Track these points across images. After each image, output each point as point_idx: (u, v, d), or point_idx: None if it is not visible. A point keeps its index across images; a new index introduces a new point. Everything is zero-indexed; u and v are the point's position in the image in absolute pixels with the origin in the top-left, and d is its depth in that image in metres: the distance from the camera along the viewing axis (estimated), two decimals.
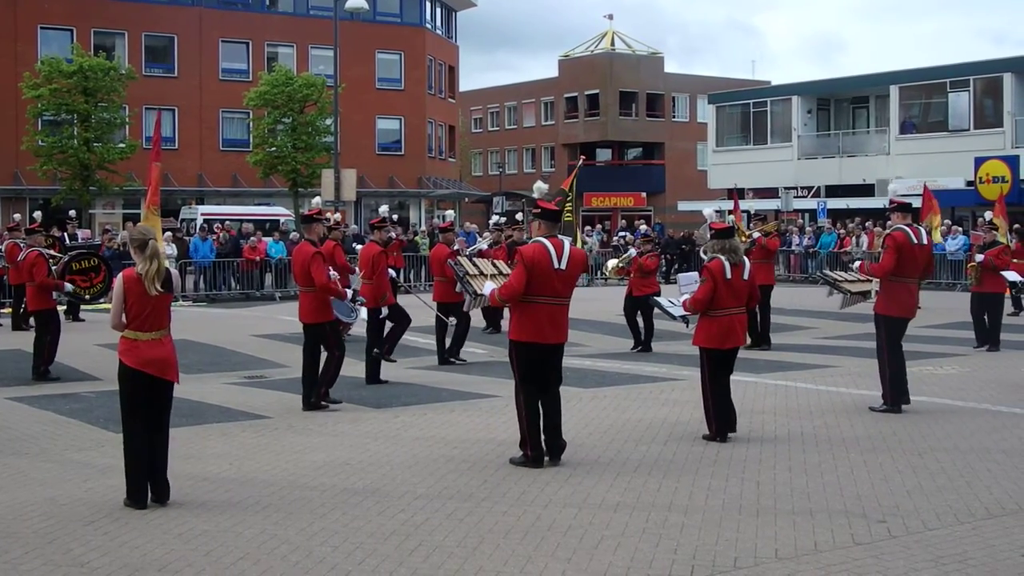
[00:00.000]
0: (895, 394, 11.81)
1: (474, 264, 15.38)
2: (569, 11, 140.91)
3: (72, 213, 33.02)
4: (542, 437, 9.31)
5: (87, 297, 17.84)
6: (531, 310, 9.26)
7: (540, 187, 11.15)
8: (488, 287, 10.00)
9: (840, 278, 13.85)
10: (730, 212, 22.35)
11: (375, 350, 14.41)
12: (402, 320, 15.00)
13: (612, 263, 18.59)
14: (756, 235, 17.98)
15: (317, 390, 12.29)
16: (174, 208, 48.24)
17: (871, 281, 12.62)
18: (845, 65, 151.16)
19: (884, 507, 7.82)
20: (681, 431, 10.72)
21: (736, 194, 21.48)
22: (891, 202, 12.46)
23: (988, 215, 20.56)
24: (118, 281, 8.24)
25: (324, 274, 12.19)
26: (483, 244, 20.42)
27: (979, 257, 17.76)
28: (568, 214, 21.08)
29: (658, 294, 16.94)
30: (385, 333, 14.80)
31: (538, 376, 9.34)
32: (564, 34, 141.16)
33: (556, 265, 9.22)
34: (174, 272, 8.52)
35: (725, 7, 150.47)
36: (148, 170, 11.25)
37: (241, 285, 30.55)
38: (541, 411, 9.33)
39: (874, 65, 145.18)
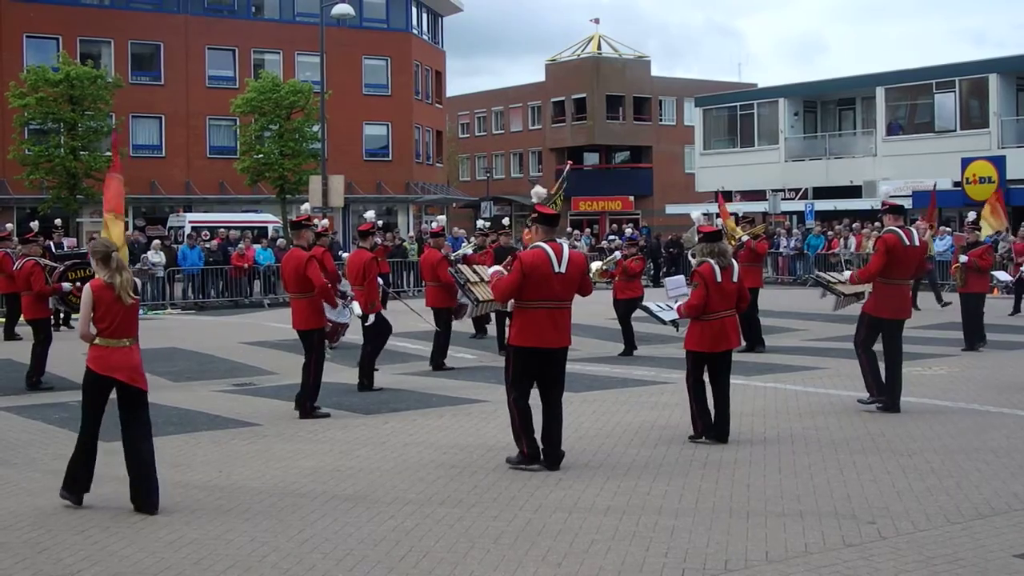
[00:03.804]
0: (888, 393, 11.82)
1: (475, 271, 15.38)
2: (552, 15, 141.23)
3: (58, 222, 32.94)
4: (537, 436, 9.32)
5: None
6: (533, 315, 9.28)
7: (539, 191, 11.13)
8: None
9: (833, 280, 13.87)
10: (717, 215, 22.38)
11: (364, 380, 14.26)
12: (374, 342, 14.66)
13: (596, 265, 18.57)
14: (745, 238, 18.01)
15: (303, 405, 12.25)
16: (162, 216, 48.17)
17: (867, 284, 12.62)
18: (827, 67, 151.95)
19: (874, 508, 7.84)
20: (671, 434, 10.73)
21: (722, 196, 21.47)
22: (883, 204, 12.47)
23: (972, 215, 20.62)
24: (86, 291, 8.25)
25: (321, 276, 12.20)
26: (468, 249, 20.40)
27: (963, 258, 17.78)
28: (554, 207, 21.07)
29: (642, 297, 16.97)
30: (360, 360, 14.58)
31: (541, 380, 9.37)
32: (548, 38, 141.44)
33: (556, 269, 9.24)
34: (136, 280, 8.55)
35: (704, 10, 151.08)
36: (106, 180, 11.12)
37: (229, 292, 30.49)
38: (542, 419, 9.36)
39: (856, 67, 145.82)
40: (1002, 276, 18.54)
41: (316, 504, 8.21)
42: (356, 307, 13.42)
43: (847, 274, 13.18)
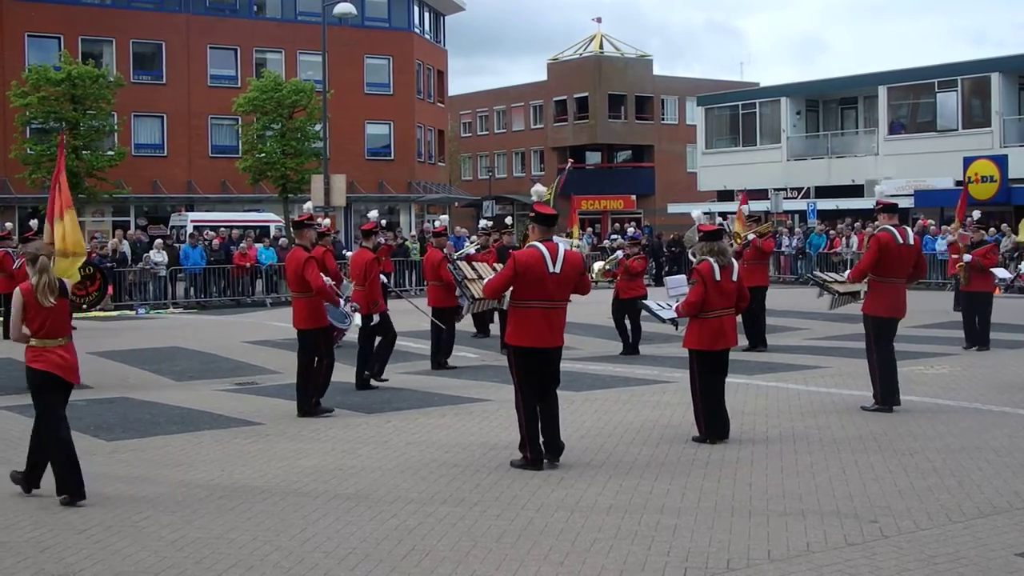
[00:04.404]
0: (886, 393, 11.84)
1: (473, 268, 15.36)
2: (553, 14, 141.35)
3: None
4: (541, 440, 9.34)
5: (84, 306, 17.83)
6: (527, 315, 9.28)
7: (538, 190, 11.16)
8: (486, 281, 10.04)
9: (829, 279, 13.89)
10: (725, 215, 22.51)
11: (365, 372, 14.36)
12: (387, 334, 14.86)
13: (598, 265, 18.60)
14: (751, 236, 18.02)
15: (308, 400, 12.27)
16: (164, 215, 48.20)
17: (859, 282, 12.64)
18: (828, 66, 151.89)
19: (876, 507, 7.84)
20: (673, 433, 10.73)
21: (744, 196, 21.41)
22: (878, 203, 12.49)
23: (976, 214, 20.60)
24: (16, 294, 8.59)
25: (319, 278, 12.21)
26: (471, 249, 20.40)
27: (967, 257, 17.77)
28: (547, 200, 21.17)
29: (645, 297, 16.96)
30: (373, 351, 14.71)
31: (537, 379, 9.37)
32: (550, 37, 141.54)
33: (551, 269, 9.23)
34: (65, 282, 8.87)
35: (705, 9, 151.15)
36: (54, 183, 10.95)
37: (232, 291, 30.51)
38: (539, 416, 9.36)
39: (856, 66, 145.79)
40: (1001, 273, 18.48)
41: (318, 503, 8.22)
42: (357, 318, 13.45)
43: (847, 273, 13.20)
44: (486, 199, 63.73)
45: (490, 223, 26.51)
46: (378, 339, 14.81)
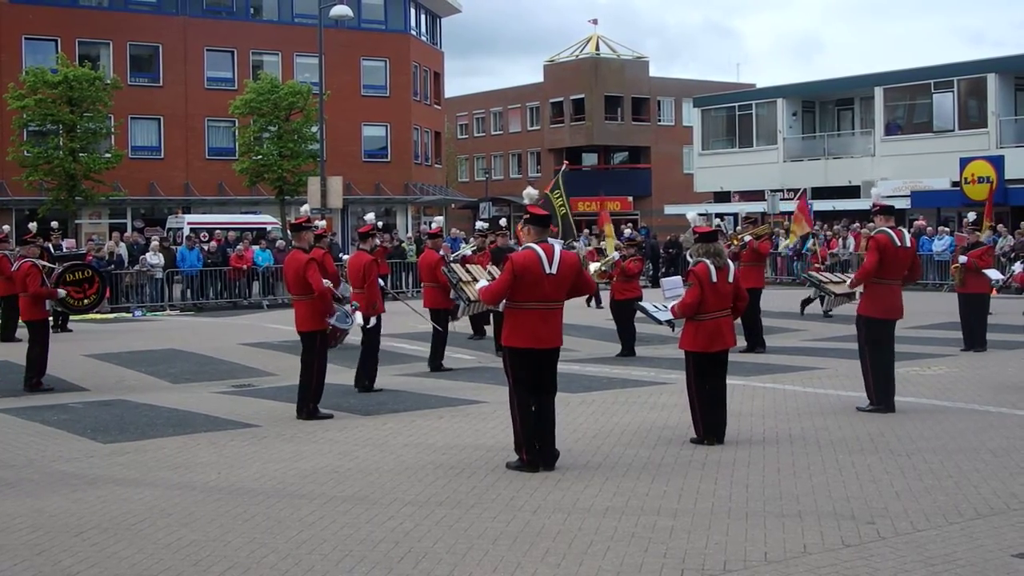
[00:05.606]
0: (880, 393, 11.85)
1: (467, 271, 15.35)
2: (549, 15, 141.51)
3: (55, 224, 32.93)
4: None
5: (82, 305, 17.79)
6: (524, 316, 9.27)
7: (530, 193, 11.15)
8: (481, 284, 10.02)
9: (825, 280, 13.91)
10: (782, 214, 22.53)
11: (365, 382, 14.28)
12: (373, 348, 14.69)
13: (594, 266, 18.59)
14: (747, 238, 18.03)
15: (305, 406, 12.24)
16: (161, 217, 48.16)
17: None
18: (825, 66, 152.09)
19: (873, 508, 7.84)
20: (669, 435, 10.73)
21: (805, 195, 21.33)
22: (874, 205, 12.50)
23: (972, 216, 20.60)
24: None
25: (320, 281, 12.20)
26: (467, 250, 20.41)
27: (963, 259, 17.75)
28: (561, 208, 21.19)
29: (640, 298, 16.98)
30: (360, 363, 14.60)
31: (533, 381, 9.36)
32: (546, 38, 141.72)
33: (547, 270, 9.23)
34: None
35: (702, 9, 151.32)
36: None
37: (228, 293, 30.49)
38: (534, 420, 9.35)
39: (854, 66, 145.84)
40: (994, 275, 18.49)
41: (315, 505, 8.21)
42: (359, 317, 13.43)
43: (848, 281, 13.16)
44: (483, 201, 63.71)
45: (487, 225, 26.50)
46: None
